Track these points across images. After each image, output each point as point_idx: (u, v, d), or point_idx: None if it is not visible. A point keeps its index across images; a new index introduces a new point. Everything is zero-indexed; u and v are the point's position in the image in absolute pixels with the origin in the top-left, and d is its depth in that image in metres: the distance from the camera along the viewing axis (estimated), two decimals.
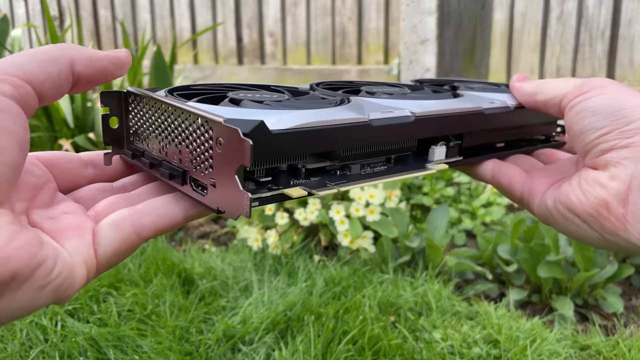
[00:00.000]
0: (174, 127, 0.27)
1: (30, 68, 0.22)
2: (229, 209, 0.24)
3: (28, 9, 2.37)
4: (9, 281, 0.19)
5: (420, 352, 0.77)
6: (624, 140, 0.29)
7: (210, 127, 0.24)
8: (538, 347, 0.79)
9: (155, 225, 0.25)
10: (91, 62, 0.24)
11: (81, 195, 0.27)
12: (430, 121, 0.33)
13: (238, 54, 2.07)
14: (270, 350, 0.78)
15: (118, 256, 0.24)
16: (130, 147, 0.30)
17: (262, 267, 1.06)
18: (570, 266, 0.98)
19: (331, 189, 0.27)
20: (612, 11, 1.52)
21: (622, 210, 0.29)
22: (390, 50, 1.83)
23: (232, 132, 0.22)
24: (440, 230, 1.06)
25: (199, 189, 0.26)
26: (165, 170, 0.27)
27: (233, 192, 0.23)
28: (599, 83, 0.32)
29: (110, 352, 0.75)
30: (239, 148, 0.22)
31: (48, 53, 0.23)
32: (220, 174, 0.24)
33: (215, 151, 0.24)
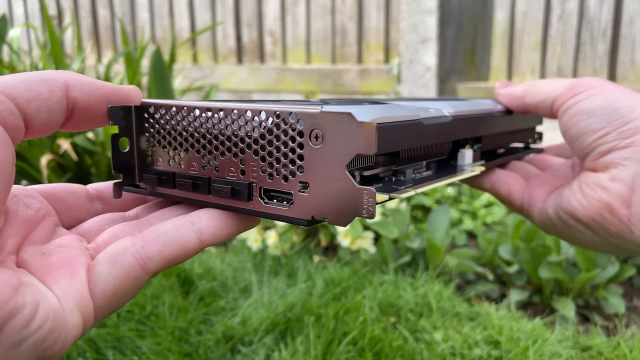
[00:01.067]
0: (232, 133, 0.23)
1: (14, 84, 0.19)
2: (334, 214, 0.20)
3: (27, 8, 2.37)
4: None
5: (421, 353, 0.77)
6: (624, 141, 0.29)
7: (297, 121, 0.20)
8: (539, 348, 0.79)
9: (163, 254, 0.20)
10: (91, 89, 0.21)
11: (87, 228, 0.24)
12: (465, 121, 0.32)
13: (237, 53, 2.07)
14: (270, 352, 0.78)
15: (120, 296, 0.20)
16: (151, 171, 0.25)
17: (262, 268, 1.05)
18: (571, 267, 0.98)
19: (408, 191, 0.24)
20: (613, 10, 1.52)
21: (626, 212, 0.28)
22: (390, 50, 1.83)
23: (343, 118, 0.19)
24: (441, 231, 1.05)
25: (274, 201, 0.22)
26: (222, 186, 0.23)
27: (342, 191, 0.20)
28: (591, 83, 0.32)
29: (110, 353, 0.74)
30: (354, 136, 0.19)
31: (40, 74, 0.20)
32: (316, 175, 0.20)
33: (309, 148, 0.20)
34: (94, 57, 2.29)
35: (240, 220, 0.23)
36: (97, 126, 0.23)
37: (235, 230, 0.22)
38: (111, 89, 0.22)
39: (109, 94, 0.22)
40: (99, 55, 2.31)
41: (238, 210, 0.23)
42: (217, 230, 0.22)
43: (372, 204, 0.19)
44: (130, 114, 0.25)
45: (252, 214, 0.23)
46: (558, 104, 0.33)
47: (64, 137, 1.09)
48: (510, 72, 1.69)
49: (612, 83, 0.32)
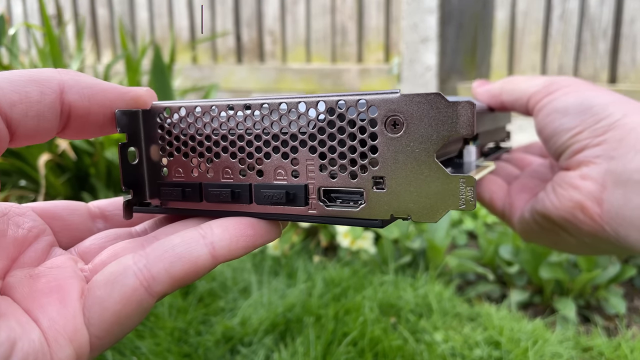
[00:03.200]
0: (278, 131, 0.20)
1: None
2: (420, 210, 0.18)
3: (26, 7, 2.37)
4: None
5: (421, 353, 0.76)
6: (596, 139, 0.29)
7: (368, 108, 0.18)
8: (540, 348, 0.78)
9: (170, 273, 0.17)
10: (91, 92, 0.18)
11: (87, 247, 0.21)
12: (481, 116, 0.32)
13: (237, 53, 2.07)
14: (270, 352, 0.77)
15: (122, 323, 0.17)
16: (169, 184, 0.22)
17: (262, 268, 1.05)
18: (572, 267, 0.97)
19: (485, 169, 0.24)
20: (614, 10, 1.51)
21: (598, 210, 0.28)
22: (390, 49, 1.82)
23: (431, 100, 0.17)
24: (441, 231, 1.05)
25: (339, 202, 0.20)
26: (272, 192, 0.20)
27: (433, 181, 0.18)
28: (566, 82, 0.31)
29: (109, 354, 0.74)
30: (445, 118, 0.17)
31: (33, 72, 0.17)
32: (396, 167, 0.18)
33: (384, 138, 0.18)
34: (93, 56, 2.29)
35: (260, 230, 0.19)
36: (103, 134, 0.20)
37: (254, 242, 0.19)
38: (117, 93, 0.19)
39: (114, 98, 0.19)
40: (98, 55, 2.30)
41: (291, 219, 0.20)
42: (233, 244, 0.19)
43: (473, 192, 0.17)
44: (139, 119, 0.22)
45: (310, 221, 0.20)
46: (533, 103, 0.32)
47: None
48: (510, 72, 1.69)
49: (586, 82, 0.32)
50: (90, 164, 1.17)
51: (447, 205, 0.18)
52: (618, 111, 0.28)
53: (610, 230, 0.28)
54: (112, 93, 0.19)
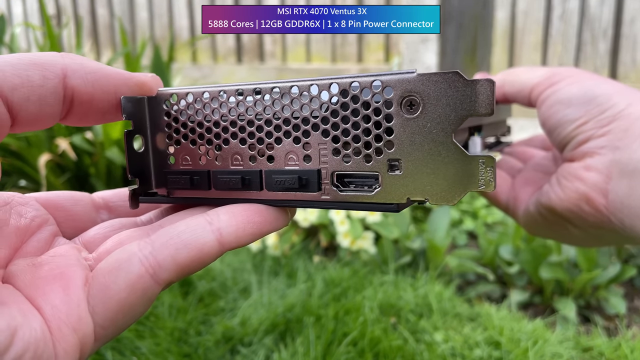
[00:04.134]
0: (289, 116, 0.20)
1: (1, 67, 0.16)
2: (438, 192, 0.18)
3: (25, 7, 2.36)
4: None
5: (421, 354, 0.76)
6: (600, 130, 0.28)
7: (383, 89, 0.18)
8: (540, 348, 0.78)
9: (176, 260, 0.17)
10: (95, 77, 0.18)
11: (92, 236, 0.20)
12: None
13: (237, 52, 2.07)
14: (270, 352, 0.77)
15: (127, 312, 0.17)
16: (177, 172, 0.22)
17: (262, 268, 1.05)
18: (572, 267, 0.97)
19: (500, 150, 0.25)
20: (614, 10, 1.51)
21: (603, 201, 0.28)
22: (390, 49, 1.82)
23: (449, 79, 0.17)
24: (441, 231, 1.05)
25: (352, 187, 0.19)
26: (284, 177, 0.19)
27: (451, 162, 0.17)
28: (568, 72, 0.31)
29: (109, 354, 0.74)
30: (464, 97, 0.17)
31: (35, 55, 0.17)
32: (413, 149, 0.18)
33: (400, 119, 0.18)
34: (92, 56, 2.29)
35: (268, 217, 0.19)
36: (106, 121, 0.19)
37: (262, 230, 0.19)
38: (121, 79, 0.19)
39: (118, 84, 0.19)
40: (98, 55, 2.30)
41: (304, 205, 0.19)
42: (240, 230, 0.18)
43: (493, 173, 0.17)
44: (144, 106, 0.21)
45: (323, 207, 0.19)
46: (536, 94, 0.32)
47: (62, 137, 1.09)
48: None
49: (588, 72, 0.31)
50: (90, 164, 1.17)
51: (466, 187, 0.17)
52: (622, 101, 0.28)
53: (616, 221, 0.28)
54: (116, 78, 0.19)
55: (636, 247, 1.04)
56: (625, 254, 1.04)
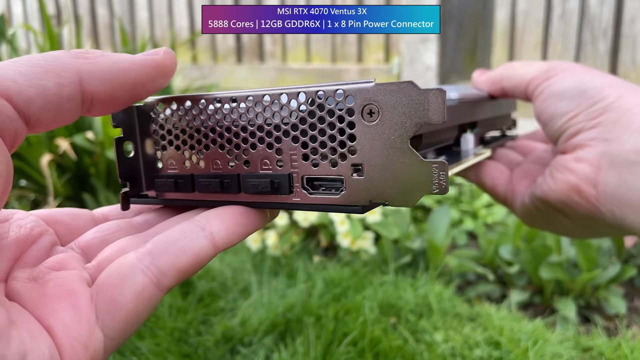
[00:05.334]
0: (262, 123, 0.21)
1: (13, 77, 0.15)
2: (397, 195, 0.19)
3: (26, 7, 2.36)
4: None
5: (421, 353, 0.76)
6: (591, 122, 0.29)
7: (345, 97, 0.19)
8: (540, 348, 0.78)
9: (176, 266, 0.18)
10: (111, 75, 0.17)
11: (88, 240, 0.20)
12: (469, 105, 0.32)
13: (237, 52, 2.07)
14: (270, 352, 0.77)
15: (133, 322, 0.17)
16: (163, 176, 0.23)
17: (262, 268, 1.05)
18: (572, 267, 0.97)
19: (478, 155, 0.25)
20: (614, 10, 1.51)
21: (594, 192, 0.28)
22: (390, 49, 1.82)
23: (404, 88, 0.18)
24: (441, 231, 1.05)
25: (321, 190, 0.20)
26: (258, 180, 0.21)
27: (408, 167, 0.18)
28: (564, 66, 0.32)
29: None
30: (417, 106, 0.18)
31: (47, 62, 0.16)
32: (373, 155, 0.19)
33: (362, 126, 0.19)
34: None
35: (252, 217, 0.20)
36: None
37: (248, 230, 0.20)
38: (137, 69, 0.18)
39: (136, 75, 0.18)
40: None
41: (276, 206, 0.21)
42: (230, 232, 0.19)
43: (445, 177, 0.18)
44: (134, 114, 0.23)
45: (294, 208, 0.21)
46: (531, 88, 0.33)
47: (62, 137, 1.09)
48: None
49: (584, 66, 0.32)
50: (90, 164, 1.17)
51: (421, 190, 0.18)
52: (613, 93, 0.29)
53: (607, 212, 0.28)
54: (133, 71, 0.18)
55: (636, 246, 1.04)
56: (625, 254, 1.04)
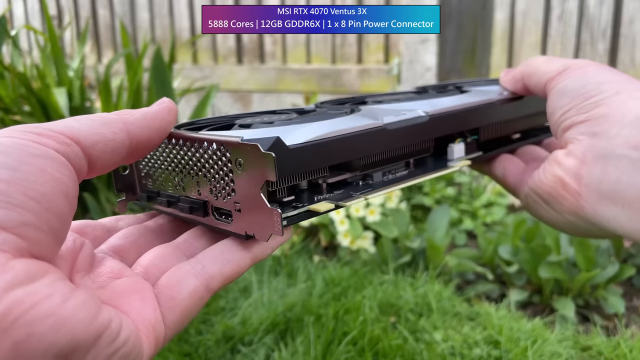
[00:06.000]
0: (189, 159, 0.26)
1: (78, 127, 0.20)
2: (259, 231, 0.23)
3: (27, 8, 2.37)
4: (69, 351, 0.15)
5: (421, 353, 0.77)
6: (581, 116, 0.29)
7: (226, 150, 0.23)
8: (539, 347, 0.79)
9: (222, 272, 0.23)
10: (145, 121, 0.23)
11: (119, 245, 0.25)
12: (445, 118, 0.32)
13: (237, 53, 2.07)
14: (270, 351, 0.78)
15: (188, 316, 0.21)
16: (144, 189, 0.29)
17: (262, 268, 1.06)
18: (571, 267, 0.98)
19: (358, 199, 0.26)
20: (613, 10, 1.52)
21: (576, 186, 0.28)
22: (390, 50, 1.83)
23: (252, 148, 0.21)
24: (440, 231, 1.05)
25: (222, 217, 0.25)
26: (184, 205, 0.26)
27: (260, 212, 0.22)
28: (578, 65, 0.31)
29: None
30: (262, 164, 0.21)
31: (101, 117, 0.21)
32: (244, 197, 0.23)
33: (236, 174, 0.23)
34: (94, 57, 2.29)
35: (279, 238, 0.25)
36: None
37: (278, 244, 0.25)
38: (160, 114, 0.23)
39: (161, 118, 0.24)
40: (99, 55, 2.31)
41: (199, 223, 0.26)
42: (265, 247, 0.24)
43: (279, 223, 0.22)
44: None
45: (208, 227, 0.26)
46: (547, 87, 0.33)
47: None
48: None
49: (600, 64, 0.31)
50: None
51: (270, 230, 0.22)
52: (610, 89, 0.28)
53: (589, 208, 0.28)
54: (158, 115, 0.23)
55: (635, 246, 1.05)
56: (624, 254, 1.04)
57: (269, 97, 2.00)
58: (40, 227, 0.16)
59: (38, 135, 0.18)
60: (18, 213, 0.16)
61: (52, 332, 0.15)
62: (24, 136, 0.18)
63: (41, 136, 0.18)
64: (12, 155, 0.17)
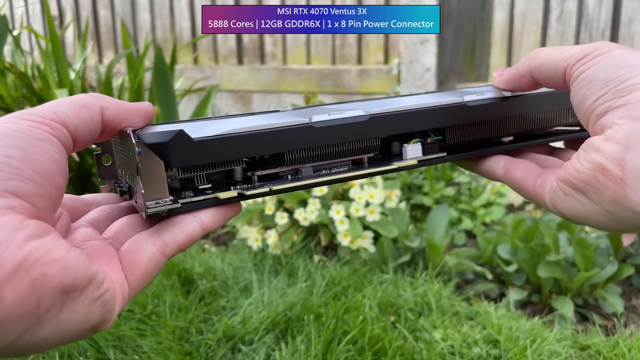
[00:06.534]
0: (123, 151, 0.29)
1: (64, 112, 0.24)
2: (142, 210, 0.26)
3: (28, 9, 2.37)
4: (70, 289, 0.19)
5: (421, 352, 0.77)
6: (619, 100, 0.28)
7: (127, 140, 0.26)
8: (538, 347, 0.79)
9: (176, 240, 0.26)
10: (118, 110, 0.26)
11: (95, 217, 0.29)
12: (387, 119, 0.32)
13: (238, 54, 2.07)
14: (271, 351, 0.78)
15: (147, 278, 0.25)
16: (117, 179, 0.33)
17: (262, 267, 1.06)
18: (570, 266, 0.98)
19: (261, 189, 0.28)
20: (612, 11, 1.52)
21: (620, 172, 0.27)
22: (390, 50, 1.83)
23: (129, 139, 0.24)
24: (440, 230, 1.06)
25: (133, 198, 0.28)
26: (121, 189, 0.30)
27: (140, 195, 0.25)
28: (602, 49, 0.30)
29: (110, 352, 0.75)
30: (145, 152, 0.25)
31: (81, 100, 0.25)
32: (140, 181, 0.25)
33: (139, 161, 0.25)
34: (94, 57, 2.30)
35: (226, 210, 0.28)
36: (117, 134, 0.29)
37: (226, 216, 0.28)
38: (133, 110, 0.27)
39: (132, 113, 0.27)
40: (100, 56, 2.31)
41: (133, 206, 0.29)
42: (213, 219, 0.27)
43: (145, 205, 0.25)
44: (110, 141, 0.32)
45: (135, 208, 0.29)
46: (568, 75, 0.31)
47: None
48: None
49: (623, 46, 0.30)
50: (92, 164, 1.17)
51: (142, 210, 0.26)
52: None
53: (634, 195, 0.27)
54: (130, 111, 0.27)
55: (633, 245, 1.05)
56: (622, 253, 1.05)
57: (269, 98, 2.00)
58: (44, 197, 0.21)
59: (35, 122, 0.22)
60: (29, 185, 0.20)
61: (61, 273, 0.19)
62: (24, 123, 0.22)
63: (38, 122, 0.22)
64: (20, 138, 0.21)
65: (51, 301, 0.19)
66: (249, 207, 1.15)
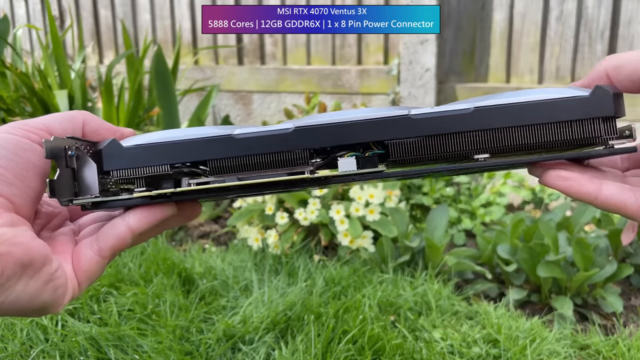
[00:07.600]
0: None
1: (54, 124, 0.29)
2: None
3: (28, 8, 2.38)
4: (28, 265, 0.25)
5: (420, 351, 0.77)
6: None
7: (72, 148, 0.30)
8: (537, 346, 0.79)
9: (108, 245, 0.29)
10: (97, 127, 0.31)
11: (84, 221, 0.34)
12: (310, 132, 0.31)
13: (238, 54, 2.08)
14: (271, 350, 0.78)
15: (92, 277, 0.29)
16: None
17: (262, 267, 1.06)
18: (569, 266, 0.98)
19: (167, 189, 0.30)
20: (611, 11, 1.52)
21: None
22: (390, 51, 1.83)
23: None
24: (440, 230, 1.06)
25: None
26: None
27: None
28: None
29: (111, 352, 0.75)
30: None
31: (68, 115, 0.30)
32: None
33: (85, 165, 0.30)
34: (95, 57, 2.30)
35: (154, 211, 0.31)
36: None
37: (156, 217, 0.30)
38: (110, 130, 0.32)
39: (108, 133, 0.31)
40: (100, 56, 2.31)
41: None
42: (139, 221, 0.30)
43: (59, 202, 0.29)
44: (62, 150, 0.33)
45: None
46: None
47: None
48: (508, 73, 1.70)
49: None
50: None
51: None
52: None
53: None
54: (108, 130, 0.32)
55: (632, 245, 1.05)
56: (622, 253, 1.05)
57: (269, 98, 2.01)
58: (22, 197, 0.26)
59: (27, 132, 0.28)
60: (9, 187, 0.26)
61: (22, 252, 0.24)
62: (18, 132, 0.27)
63: (29, 132, 0.28)
64: (9, 149, 0.26)
65: (11, 271, 0.24)
66: (250, 207, 1.15)
